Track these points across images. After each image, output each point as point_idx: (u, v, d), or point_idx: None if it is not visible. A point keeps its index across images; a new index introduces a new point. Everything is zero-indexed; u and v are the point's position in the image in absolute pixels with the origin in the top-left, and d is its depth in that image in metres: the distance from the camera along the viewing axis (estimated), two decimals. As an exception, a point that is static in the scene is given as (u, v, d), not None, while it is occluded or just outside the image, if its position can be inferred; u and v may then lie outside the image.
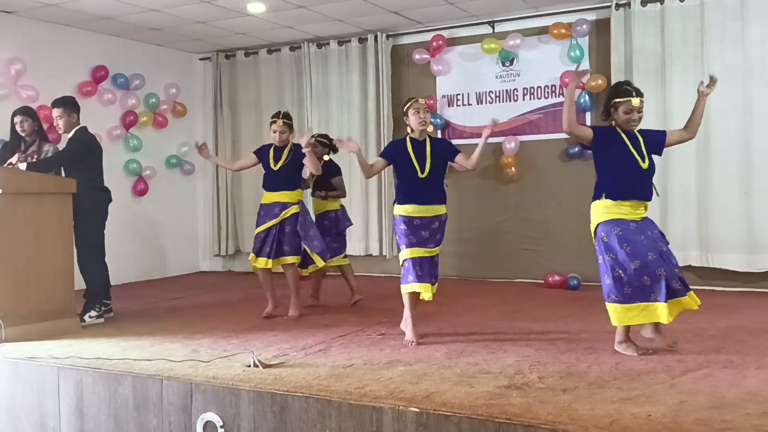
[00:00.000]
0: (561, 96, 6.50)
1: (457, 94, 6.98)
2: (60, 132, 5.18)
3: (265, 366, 3.57)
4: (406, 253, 4.07)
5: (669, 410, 2.76)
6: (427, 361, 3.66)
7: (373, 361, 3.67)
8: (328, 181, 5.42)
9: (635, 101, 3.60)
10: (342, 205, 5.56)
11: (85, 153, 4.97)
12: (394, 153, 4.23)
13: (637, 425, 2.60)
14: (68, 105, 5.07)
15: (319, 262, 4.99)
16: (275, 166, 4.99)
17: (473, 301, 5.66)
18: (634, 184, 3.63)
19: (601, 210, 3.65)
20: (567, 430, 2.59)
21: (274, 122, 5.01)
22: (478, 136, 7.04)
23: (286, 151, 5.00)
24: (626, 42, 6.13)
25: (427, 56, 6.95)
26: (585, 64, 6.40)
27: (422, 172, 4.08)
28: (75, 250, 5.01)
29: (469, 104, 6.92)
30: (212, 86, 8.03)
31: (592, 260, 6.30)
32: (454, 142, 6.95)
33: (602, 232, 3.64)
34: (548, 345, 3.94)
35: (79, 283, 4.91)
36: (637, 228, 3.59)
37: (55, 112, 5.06)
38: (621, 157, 3.63)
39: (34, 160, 4.89)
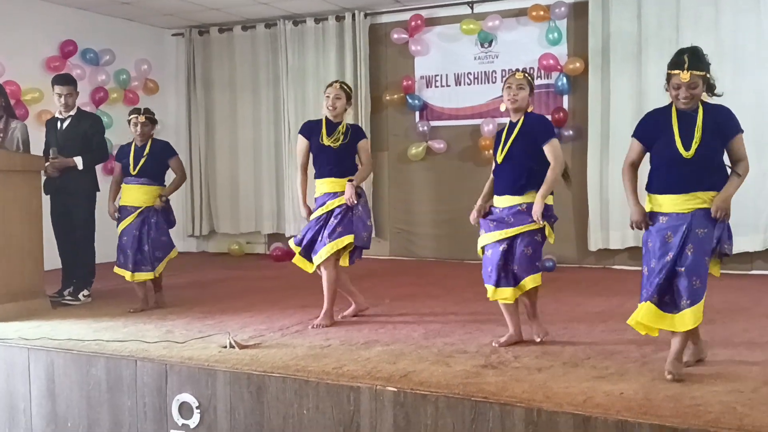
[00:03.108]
0: (539, 78, 6.52)
1: (436, 75, 6.95)
2: (67, 110, 4.99)
3: (242, 347, 3.54)
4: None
5: (641, 387, 2.82)
6: (404, 341, 3.67)
7: (350, 342, 3.67)
8: (164, 162, 4.69)
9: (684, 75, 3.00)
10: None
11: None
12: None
13: (610, 402, 2.65)
14: (74, 82, 5.02)
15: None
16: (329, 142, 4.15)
17: (450, 282, 5.69)
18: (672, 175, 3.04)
19: None
20: (542, 407, 2.64)
21: (330, 86, 4.24)
22: (456, 117, 7.16)
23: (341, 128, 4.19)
24: (603, 25, 6.16)
25: (406, 36, 6.90)
26: (563, 47, 6.42)
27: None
28: (62, 230, 5.03)
29: (448, 85, 6.89)
30: (185, 63, 7.86)
31: (566, 243, 6.43)
32: (432, 123, 7.00)
33: None
34: (523, 325, 3.97)
35: (50, 264, 4.82)
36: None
37: (65, 90, 4.91)
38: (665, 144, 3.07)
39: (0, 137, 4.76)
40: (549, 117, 6.43)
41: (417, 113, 7.02)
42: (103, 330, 4.04)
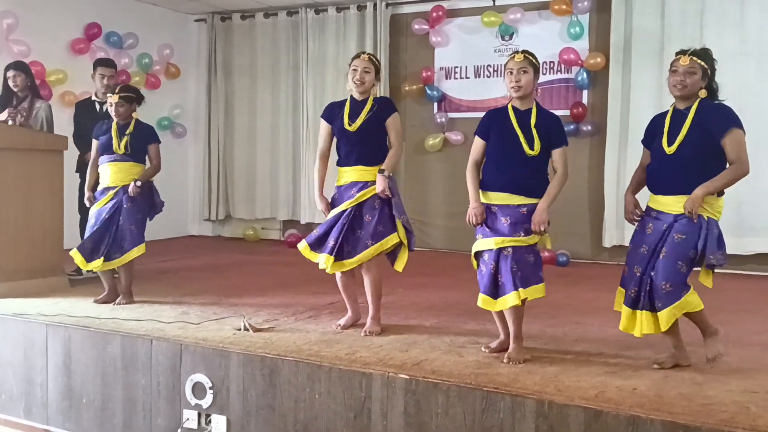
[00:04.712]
0: (559, 72, 6.48)
1: (455, 67, 6.93)
2: (107, 91, 4.99)
3: (256, 330, 3.59)
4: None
5: (653, 384, 2.82)
6: (416, 330, 3.70)
7: (363, 329, 3.69)
8: (144, 146, 4.34)
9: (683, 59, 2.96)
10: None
11: None
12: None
13: (622, 398, 2.65)
14: (115, 66, 5.23)
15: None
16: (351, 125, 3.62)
17: (463, 274, 5.66)
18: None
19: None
20: (553, 400, 2.65)
21: (357, 58, 3.64)
22: (475, 110, 7.13)
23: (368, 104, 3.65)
24: (626, 21, 6.11)
25: (426, 27, 6.88)
26: (584, 42, 6.38)
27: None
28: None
29: (467, 77, 6.87)
30: (206, 49, 7.90)
31: (580, 238, 6.41)
32: (450, 115, 6.98)
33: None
34: (536, 318, 3.98)
35: (68, 242, 4.88)
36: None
37: (107, 71, 5.14)
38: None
39: (24, 117, 4.83)
40: (567, 112, 6.41)
41: (435, 104, 7.01)
42: (120, 309, 4.10)
